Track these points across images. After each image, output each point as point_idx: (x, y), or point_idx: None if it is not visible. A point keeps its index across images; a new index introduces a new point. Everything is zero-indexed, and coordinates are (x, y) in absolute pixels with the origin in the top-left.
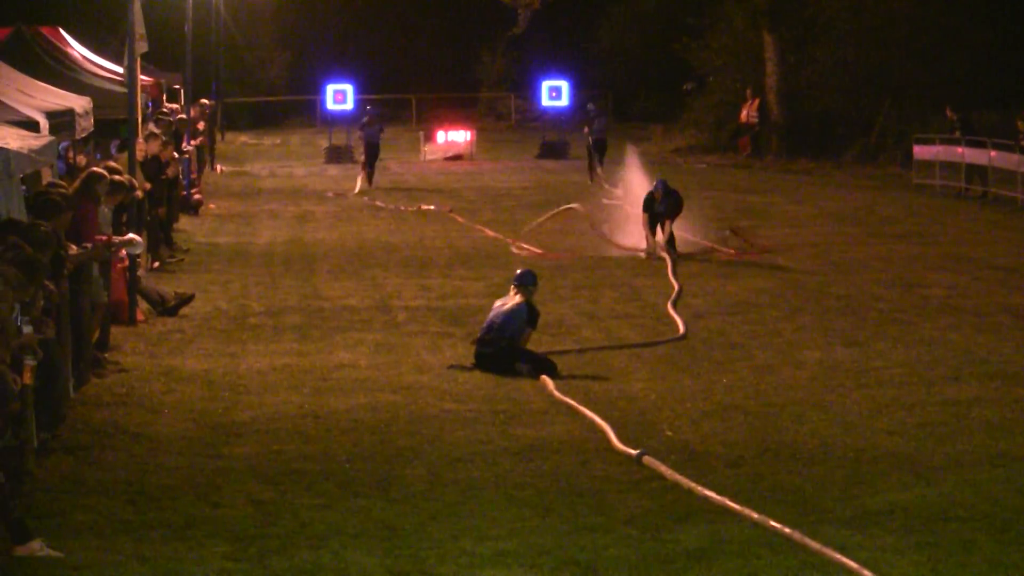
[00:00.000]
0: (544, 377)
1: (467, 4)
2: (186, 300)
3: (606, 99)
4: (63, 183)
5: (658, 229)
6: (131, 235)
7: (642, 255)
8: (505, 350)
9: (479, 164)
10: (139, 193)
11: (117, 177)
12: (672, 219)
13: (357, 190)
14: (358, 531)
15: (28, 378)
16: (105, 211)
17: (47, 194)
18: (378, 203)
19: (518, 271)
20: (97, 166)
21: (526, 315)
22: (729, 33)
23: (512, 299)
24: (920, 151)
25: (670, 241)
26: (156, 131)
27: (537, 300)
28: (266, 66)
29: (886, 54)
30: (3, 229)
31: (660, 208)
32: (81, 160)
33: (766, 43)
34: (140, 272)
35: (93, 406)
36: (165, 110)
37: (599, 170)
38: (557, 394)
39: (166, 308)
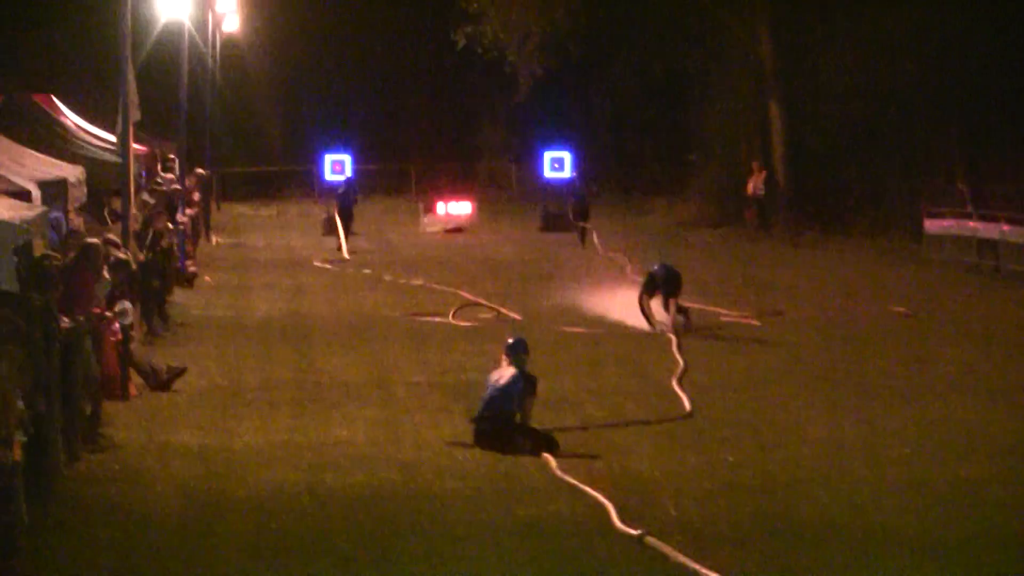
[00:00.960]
0: (545, 455)
1: (467, 72)
2: (178, 373)
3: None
4: (55, 254)
5: (657, 307)
6: (121, 304)
7: (650, 330)
8: (505, 426)
9: (480, 236)
10: (133, 265)
11: (120, 254)
12: (675, 297)
13: (345, 253)
14: None
15: (17, 454)
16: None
17: (41, 265)
18: (367, 272)
19: (509, 340)
20: (95, 237)
21: (522, 386)
22: (734, 103)
23: (506, 371)
24: (931, 225)
25: (681, 311)
26: (150, 200)
27: (539, 374)
28: (263, 135)
29: (894, 126)
30: None
31: (663, 289)
32: (76, 222)
33: (773, 115)
34: (132, 345)
35: (85, 482)
36: (160, 180)
37: (588, 231)
38: (558, 472)
39: (159, 382)
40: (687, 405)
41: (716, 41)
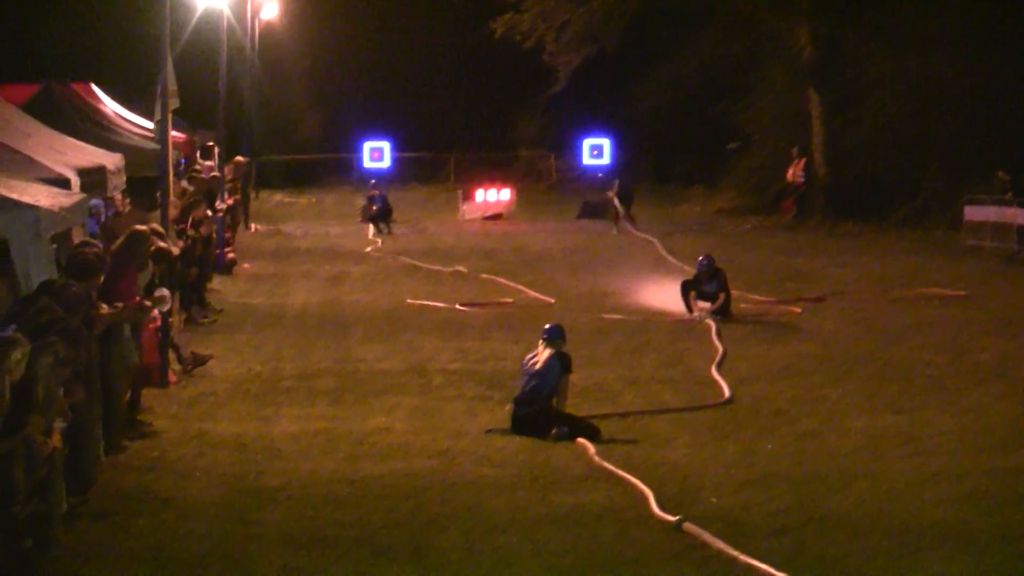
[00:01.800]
0: (583, 441)
1: (505, 62)
2: (202, 361)
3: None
4: (95, 241)
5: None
6: (160, 290)
7: (688, 318)
8: (543, 412)
9: (518, 225)
10: (174, 250)
11: (162, 244)
12: (727, 295)
13: (380, 242)
14: None
15: (57, 441)
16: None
17: (81, 254)
18: (405, 260)
19: (546, 326)
20: (141, 224)
21: (559, 366)
22: (773, 93)
23: (541, 354)
24: (971, 212)
25: (723, 308)
26: (189, 188)
27: (576, 362)
28: (301, 124)
29: (932, 116)
30: (35, 291)
31: (710, 288)
32: (120, 202)
33: (812, 102)
34: (172, 332)
35: (123, 470)
36: (198, 167)
37: (623, 217)
38: (597, 459)
39: (184, 370)
40: (726, 393)
41: (754, 31)
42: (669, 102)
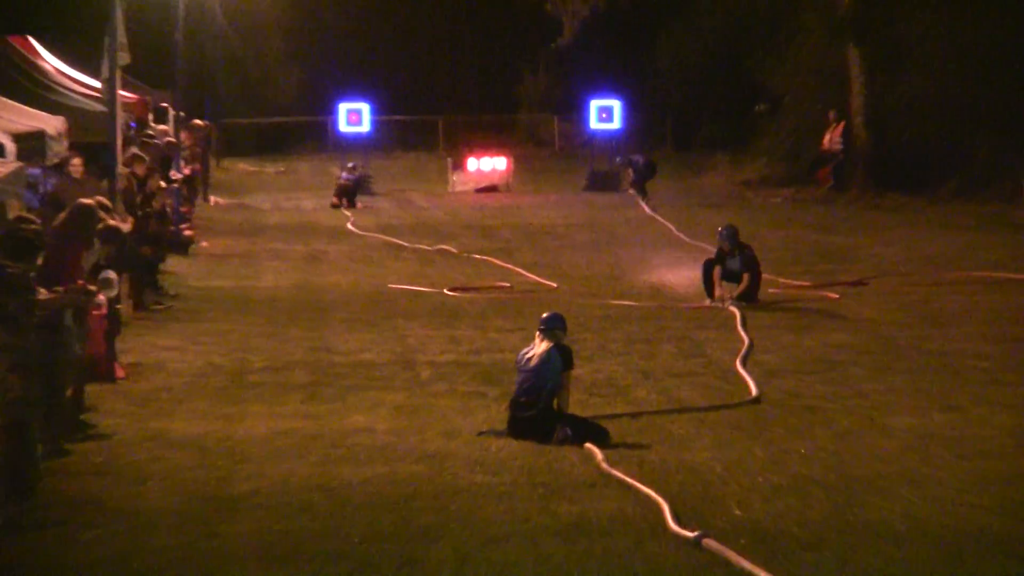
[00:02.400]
0: (590, 445)
1: (504, 13)
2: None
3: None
4: (33, 216)
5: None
6: (105, 273)
7: (709, 303)
8: (544, 412)
9: (517, 197)
10: (124, 227)
11: (112, 221)
12: (753, 276)
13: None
14: None
15: None
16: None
17: (19, 230)
18: (388, 238)
19: (544, 315)
20: (88, 197)
21: (559, 360)
22: (808, 48)
23: (538, 347)
24: None
25: (748, 292)
26: (141, 155)
27: (583, 354)
28: (271, 83)
29: (986, 76)
30: None
31: (733, 266)
32: (77, 168)
33: (851, 60)
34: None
35: (68, 476)
36: (151, 132)
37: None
38: (605, 465)
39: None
40: (753, 389)
41: None
42: (689, 58)
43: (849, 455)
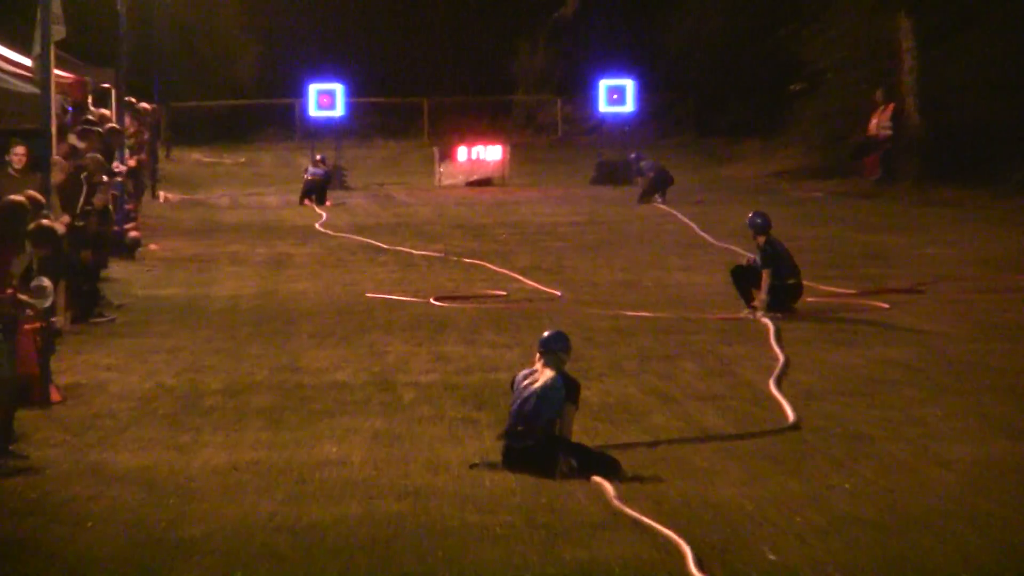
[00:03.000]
0: (600, 479)
1: None
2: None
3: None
4: None
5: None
6: (38, 280)
7: (743, 314)
8: (545, 443)
9: (512, 192)
10: (59, 228)
11: (45, 221)
12: (773, 275)
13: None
14: None
15: None
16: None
17: None
18: (365, 240)
19: (544, 335)
20: (18, 194)
21: (563, 390)
22: (852, 16)
23: (541, 373)
24: None
25: (780, 299)
26: (80, 145)
27: (592, 372)
28: (231, 60)
29: None
30: None
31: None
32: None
33: (902, 30)
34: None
35: None
36: (92, 117)
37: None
38: (617, 503)
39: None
40: (790, 414)
41: None
42: (713, 30)
43: (901, 490)
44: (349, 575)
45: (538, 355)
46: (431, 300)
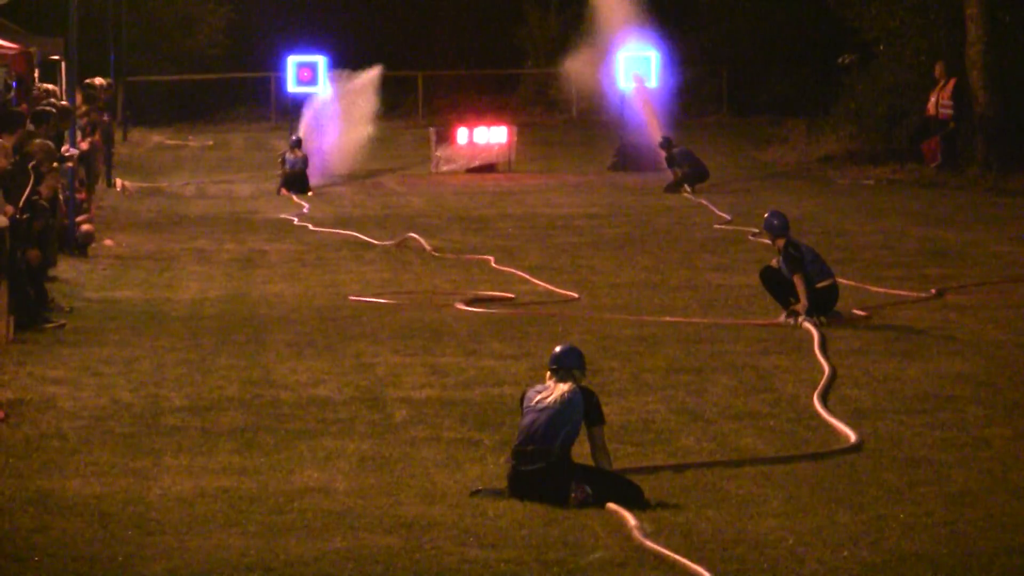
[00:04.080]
0: (618, 508)
1: None
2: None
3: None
4: None
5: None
6: None
7: (782, 320)
8: (558, 465)
9: (521, 179)
10: (1, 221)
11: None
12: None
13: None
14: None
15: None
16: None
17: None
18: (351, 234)
19: (556, 350)
20: None
21: (582, 407)
22: None
23: (555, 388)
24: None
25: (820, 302)
26: (33, 129)
27: (613, 387)
28: (195, 28)
29: None
30: None
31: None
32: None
33: None
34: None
35: None
36: (37, 93)
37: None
38: (639, 535)
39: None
40: (850, 434)
41: None
42: None
43: (966, 522)
44: None
45: (548, 373)
46: (457, 305)
